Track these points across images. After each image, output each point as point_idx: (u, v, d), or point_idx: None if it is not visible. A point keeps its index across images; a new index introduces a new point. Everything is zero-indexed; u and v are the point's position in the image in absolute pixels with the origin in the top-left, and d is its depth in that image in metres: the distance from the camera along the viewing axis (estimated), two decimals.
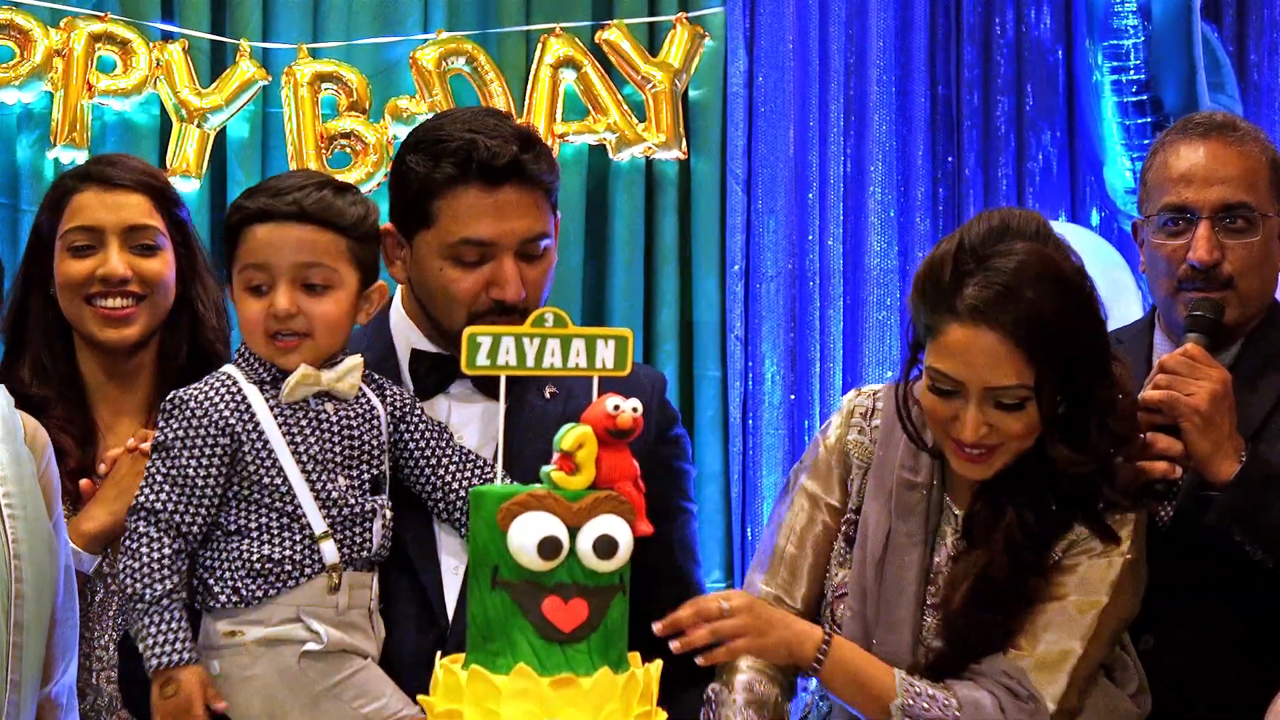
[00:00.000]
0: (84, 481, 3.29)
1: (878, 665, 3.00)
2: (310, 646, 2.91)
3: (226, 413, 2.95)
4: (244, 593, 2.91)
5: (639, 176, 5.48)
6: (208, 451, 2.93)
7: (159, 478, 2.93)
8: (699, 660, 2.90)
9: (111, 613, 3.36)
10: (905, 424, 3.10)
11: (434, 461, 3.06)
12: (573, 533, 2.22)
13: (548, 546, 2.20)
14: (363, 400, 3.04)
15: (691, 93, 5.55)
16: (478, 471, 3.07)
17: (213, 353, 3.52)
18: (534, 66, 5.41)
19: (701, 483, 5.34)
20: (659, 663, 2.30)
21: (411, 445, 3.06)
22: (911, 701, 2.95)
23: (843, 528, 3.16)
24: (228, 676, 2.92)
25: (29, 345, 3.48)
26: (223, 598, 2.92)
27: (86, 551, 3.26)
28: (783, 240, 5.53)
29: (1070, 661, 3.00)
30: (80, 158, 4.99)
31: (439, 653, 2.39)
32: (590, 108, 5.43)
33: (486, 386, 3.11)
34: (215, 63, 5.30)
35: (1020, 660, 2.99)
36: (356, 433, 3.01)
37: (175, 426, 2.95)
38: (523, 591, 2.22)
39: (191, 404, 2.96)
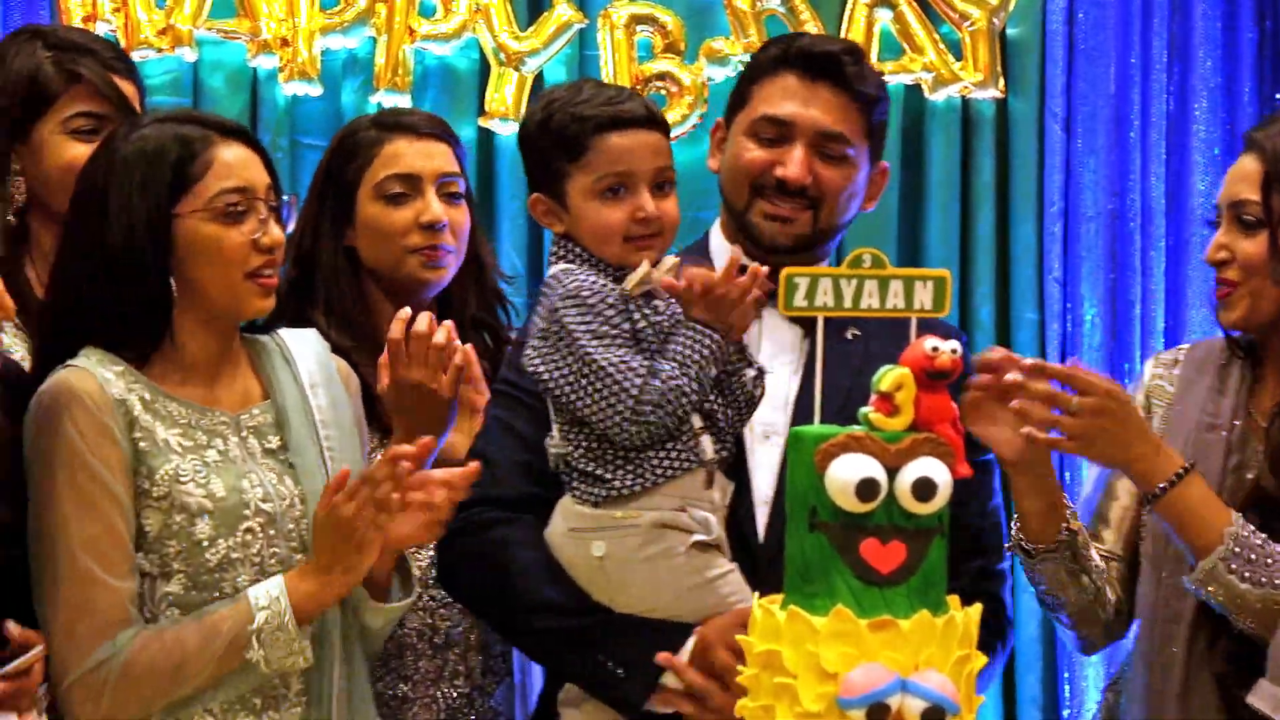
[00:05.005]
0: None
1: (1215, 511, 3.00)
2: (698, 537, 2.94)
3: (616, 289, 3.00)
4: (632, 481, 2.93)
5: (955, 116, 5.42)
6: (624, 325, 2.96)
7: (611, 355, 2.94)
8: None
9: None
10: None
11: None
12: (891, 474, 2.21)
13: (866, 488, 2.19)
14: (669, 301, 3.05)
15: (1009, 30, 5.46)
16: None
17: (499, 303, 3.55)
18: (849, 6, 5.36)
19: None
20: (979, 606, 2.29)
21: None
22: (1238, 549, 2.96)
23: None
24: (611, 556, 2.95)
25: (318, 293, 3.49)
26: (616, 482, 2.94)
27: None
28: (1103, 180, 5.43)
29: None
30: (403, 103, 5.08)
31: (756, 592, 2.41)
32: (906, 47, 5.38)
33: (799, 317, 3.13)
34: (533, 6, 5.35)
35: None
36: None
37: (582, 308, 2.97)
38: (841, 533, 2.22)
39: (586, 282, 2.98)
